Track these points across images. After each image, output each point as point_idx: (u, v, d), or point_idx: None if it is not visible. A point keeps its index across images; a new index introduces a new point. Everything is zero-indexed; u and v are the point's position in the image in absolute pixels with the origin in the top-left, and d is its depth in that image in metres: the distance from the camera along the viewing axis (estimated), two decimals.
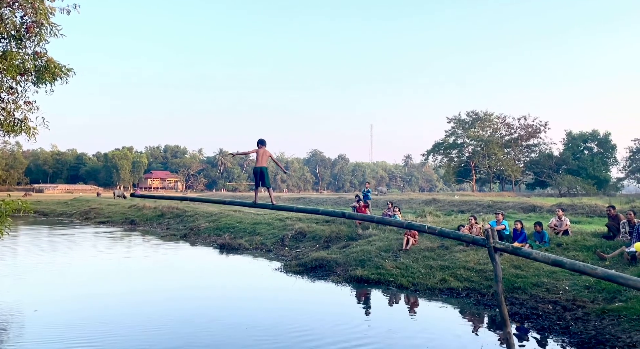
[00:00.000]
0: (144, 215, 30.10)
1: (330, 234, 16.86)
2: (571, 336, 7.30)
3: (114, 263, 15.35)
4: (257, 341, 7.43)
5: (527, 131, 79.57)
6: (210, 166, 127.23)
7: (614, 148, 74.36)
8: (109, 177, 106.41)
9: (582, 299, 8.63)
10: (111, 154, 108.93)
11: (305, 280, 12.29)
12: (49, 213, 39.36)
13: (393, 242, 14.22)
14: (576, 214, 21.75)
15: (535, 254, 4.24)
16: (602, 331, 7.23)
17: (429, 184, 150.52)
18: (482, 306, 9.41)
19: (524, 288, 9.57)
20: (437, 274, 11.11)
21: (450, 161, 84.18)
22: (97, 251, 18.30)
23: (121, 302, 10.14)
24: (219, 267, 15.41)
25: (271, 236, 18.70)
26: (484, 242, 4.42)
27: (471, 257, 11.72)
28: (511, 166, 76.71)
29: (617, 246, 11.19)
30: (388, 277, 11.43)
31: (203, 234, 21.51)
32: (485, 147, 77.26)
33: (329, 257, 13.72)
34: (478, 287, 10.21)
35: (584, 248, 11.67)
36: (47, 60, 7.02)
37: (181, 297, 10.61)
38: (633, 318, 7.30)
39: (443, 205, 33.87)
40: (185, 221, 26.15)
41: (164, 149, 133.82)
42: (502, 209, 20.62)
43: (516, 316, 8.39)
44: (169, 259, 16.66)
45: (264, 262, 15.26)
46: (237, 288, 11.85)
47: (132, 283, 12.42)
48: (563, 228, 13.40)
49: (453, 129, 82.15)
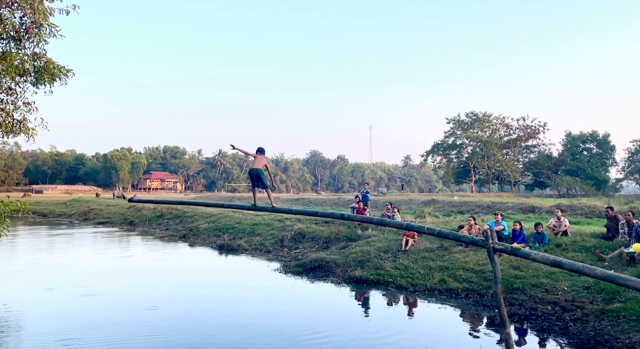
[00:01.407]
0: (143, 216, 30.08)
1: (329, 234, 16.86)
2: (570, 337, 7.31)
3: (111, 264, 15.33)
4: (254, 342, 7.43)
5: (526, 132, 79.65)
6: (209, 167, 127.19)
7: (613, 149, 74.40)
8: (108, 178, 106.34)
9: (581, 300, 8.63)
10: (110, 155, 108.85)
11: (304, 281, 12.28)
12: (48, 214, 39.32)
13: (392, 243, 14.22)
14: (575, 215, 21.74)
15: (534, 254, 4.24)
16: (601, 332, 7.23)
17: (429, 185, 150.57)
18: (481, 306, 9.41)
19: (523, 289, 9.57)
20: (436, 275, 11.11)
21: (450, 162, 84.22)
22: (95, 252, 18.29)
23: (117, 303, 10.13)
24: (218, 267, 15.39)
25: (270, 237, 18.69)
26: (483, 243, 4.42)
27: (470, 258, 11.72)
28: (510, 167, 76.76)
29: (615, 247, 11.19)
30: (387, 278, 11.43)
31: (202, 235, 21.50)
32: (484, 148, 77.32)
33: (328, 258, 13.72)
34: (477, 288, 10.21)
35: (583, 249, 11.67)
36: (47, 61, 7.02)
37: (177, 298, 10.60)
38: (632, 319, 7.30)
39: (442, 206, 33.85)
40: (185, 221, 26.14)
41: (163, 149, 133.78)
42: (501, 210, 20.59)
43: (515, 317, 8.39)
44: (167, 260, 16.64)
45: (263, 263, 15.25)
46: (235, 288, 11.85)
47: (129, 283, 12.40)
48: (562, 229, 13.41)
49: (452, 129, 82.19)
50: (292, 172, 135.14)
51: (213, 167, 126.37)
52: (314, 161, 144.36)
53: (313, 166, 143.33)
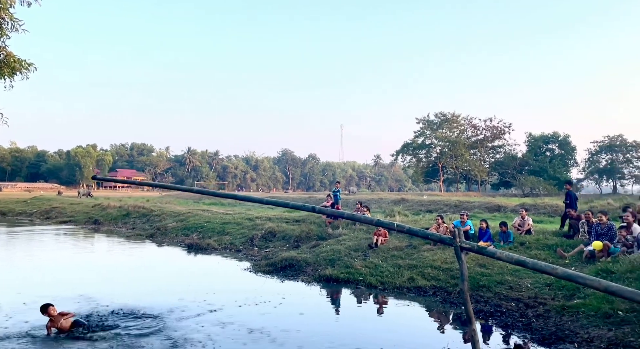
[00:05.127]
0: (109, 214, 29.30)
1: (300, 233, 16.86)
2: (533, 333, 7.54)
3: (71, 263, 14.86)
4: (217, 341, 7.34)
5: (492, 133, 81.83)
6: (178, 165, 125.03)
7: (574, 150, 77.35)
8: (72, 175, 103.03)
9: (543, 297, 8.93)
10: (74, 152, 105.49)
11: (274, 280, 12.24)
12: (7, 212, 37.79)
13: (362, 241, 14.34)
14: (538, 214, 22.48)
15: (499, 253, 4.36)
16: (561, 327, 7.50)
17: (399, 184, 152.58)
18: (448, 304, 9.60)
19: (488, 286, 9.82)
20: (405, 273, 11.27)
21: (419, 161, 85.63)
22: (53, 251, 17.68)
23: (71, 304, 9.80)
24: (185, 267, 15.13)
25: (240, 236, 18.53)
26: (450, 242, 4.51)
27: (438, 256, 11.95)
28: (477, 167, 78.69)
29: (576, 245, 11.64)
30: (357, 276, 11.52)
31: (170, 234, 21.11)
32: (453, 148, 78.98)
33: (298, 256, 13.72)
34: (445, 285, 10.41)
35: (546, 247, 12.10)
36: (7, 54, 6.75)
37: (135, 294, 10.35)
38: (590, 315, 7.61)
39: (412, 205, 34.42)
40: (152, 220, 25.60)
41: (130, 147, 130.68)
42: (468, 209, 21.11)
43: (481, 314, 8.60)
44: (132, 259, 16.25)
45: (233, 262, 15.11)
46: (203, 288, 11.67)
47: (74, 287, 12.01)
48: (526, 228, 13.85)
49: (422, 129, 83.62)
50: (262, 171, 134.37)
51: (182, 165, 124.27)
52: (285, 160, 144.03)
53: (284, 165, 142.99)
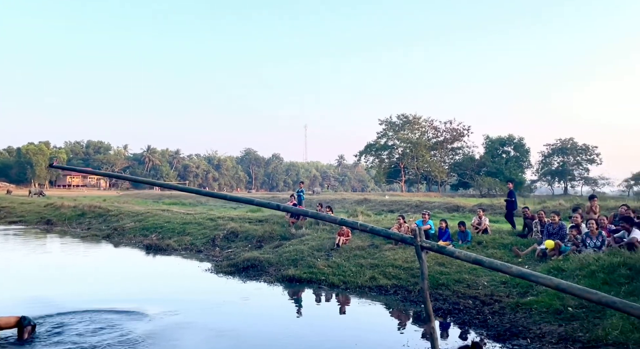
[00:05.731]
0: (62, 214, 28.12)
1: (263, 233, 16.76)
2: (489, 329, 7.78)
3: (21, 264, 14.16)
4: (178, 343, 7.18)
5: (452, 135, 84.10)
6: (137, 163, 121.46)
7: (528, 152, 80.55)
8: (22, 173, 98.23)
9: (499, 294, 9.24)
10: (25, 149, 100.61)
11: (236, 280, 12.09)
12: None
13: (325, 241, 14.40)
14: (495, 214, 23.24)
15: (458, 253, 4.46)
16: (515, 324, 7.78)
17: (361, 184, 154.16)
18: (408, 302, 9.77)
19: (447, 285, 10.06)
20: (367, 273, 11.39)
21: (381, 162, 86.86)
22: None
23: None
24: (144, 268, 14.72)
25: (202, 236, 18.22)
26: (411, 241, 4.58)
27: (399, 256, 12.14)
28: (437, 168, 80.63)
29: (530, 244, 12.12)
30: (320, 276, 11.54)
31: (128, 235, 20.49)
32: (414, 149, 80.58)
33: (261, 257, 13.61)
34: (405, 284, 10.59)
35: (502, 246, 12.55)
36: None
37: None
38: (543, 311, 7.93)
39: (374, 205, 34.88)
40: (109, 220, 24.77)
41: (86, 144, 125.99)
42: (429, 209, 21.56)
43: (440, 311, 8.80)
44: (87, 260, 15.66)
45: (193, 263, 14.82)
46: (162, 291, 11.39)
47: (33, 288, 11.50)
48: (483, 227, 14.30)
49: (384, 131, 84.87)
50: (225, 170, 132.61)
51: (141, 163, 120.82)
52: (248, 159, 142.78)
53: (247, 164, 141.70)
